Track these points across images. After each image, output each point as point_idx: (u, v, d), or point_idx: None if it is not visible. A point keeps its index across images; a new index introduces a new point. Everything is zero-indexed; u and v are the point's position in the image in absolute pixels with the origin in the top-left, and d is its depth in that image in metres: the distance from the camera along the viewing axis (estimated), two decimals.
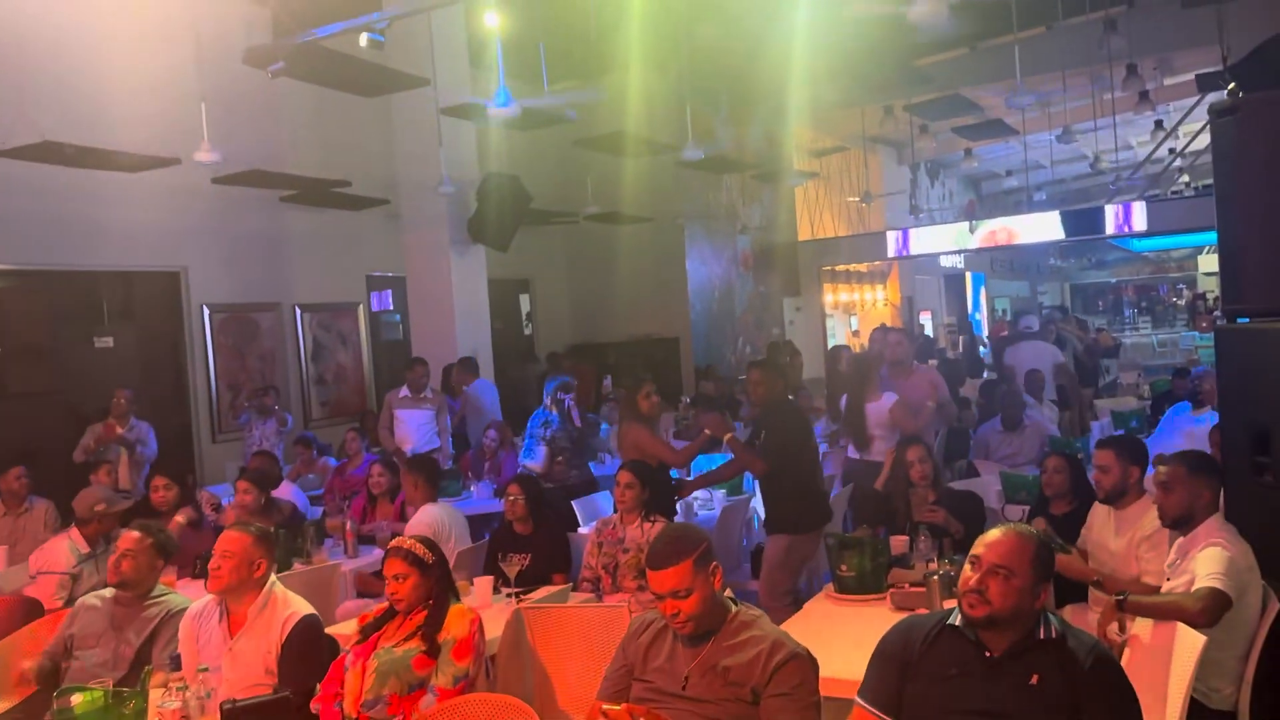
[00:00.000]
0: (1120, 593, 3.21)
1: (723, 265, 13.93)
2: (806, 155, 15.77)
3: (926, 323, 19.57)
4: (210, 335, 9.44)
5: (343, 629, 3.86)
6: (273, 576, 3.41)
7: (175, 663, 3.40)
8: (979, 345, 15.56)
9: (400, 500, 5.74)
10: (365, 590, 5.11)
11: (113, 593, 3.64)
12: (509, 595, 4.24)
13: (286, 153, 9.41)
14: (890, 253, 15.44)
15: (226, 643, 3.27)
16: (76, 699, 2.75)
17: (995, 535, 2.40)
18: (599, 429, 7.97)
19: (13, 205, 7.73)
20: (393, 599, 3.22)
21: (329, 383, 10.70)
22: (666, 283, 13.01)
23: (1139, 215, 13.18)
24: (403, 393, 8.05)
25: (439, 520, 4.92)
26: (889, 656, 2.47)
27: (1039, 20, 10.35)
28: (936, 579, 3.57)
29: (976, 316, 22.33)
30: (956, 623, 2.41)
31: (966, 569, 2.38)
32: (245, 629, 3.27)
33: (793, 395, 6.33)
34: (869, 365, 6.43)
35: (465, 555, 4.88)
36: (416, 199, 9.54)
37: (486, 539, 5.19)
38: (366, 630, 3.25)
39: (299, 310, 10.32)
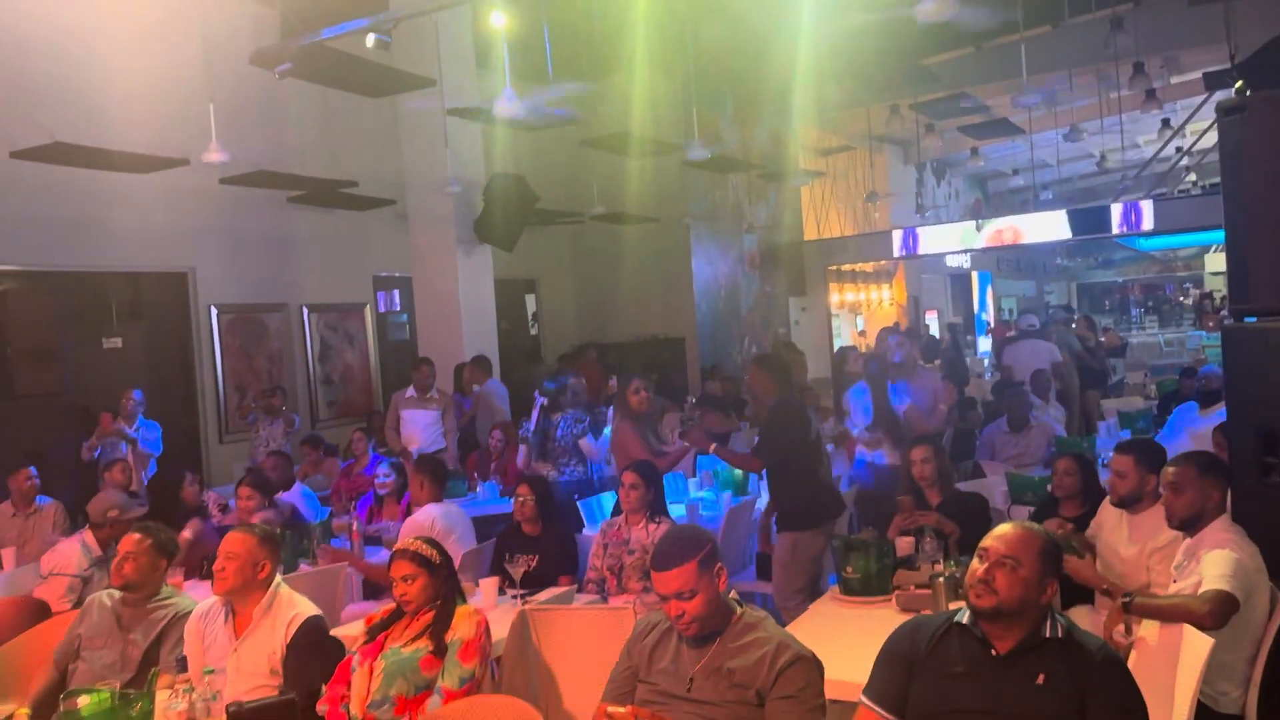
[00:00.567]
0: (1127, 594, 3.20)
1: (729, 265, 13.92)
2: (812, 154, 15.76)
3: (932, 322, 19.54)
4: (218, 336, 9.46)
5: (349, 630, 3.87)
6: (278, 577, 3.41)
7: (182, 665, 3.40)
8: (962, 347, 15.29)
9: (407, 501, 5.75)
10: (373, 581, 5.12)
11: (120, 594, 3.65)
12: (514, 597, 4.24)
13: (294, 153, 9.43)
14: (896, 252, 15.41)
15: (232, 644, 3.28)
16: (83, 701, 2.76)
17: (1004, 528, 2.43)
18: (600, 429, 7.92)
19: (22, 206, 7.76)
20: (401, 600, 3.22)
21: (336, 383, 10.72)
22: (672, 282, 13.01)
23: (1146, 214, 13.14)
24: (409, 393, 8.07)
25: (435, 521, 4.91)
26: (895, 655, 2.47)
27: (1045, 19, 10.32)
28: (942, 581, 3.55)
29: (983, 316, 22.30)
30: (964, 621, 2.42)
31: (975, 562, 2.40)
32: (250, 630, 3.28)
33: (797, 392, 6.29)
34: (883, 367, 6.39)
35: (470, 556, 4.88)
36: (423, 199, 9.55)
37: (494, 540, 5.19)
38: (374, 631, 3.26)
39: (306, 311, 10.34)
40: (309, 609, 3.35)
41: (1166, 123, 15.60)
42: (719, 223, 13.72)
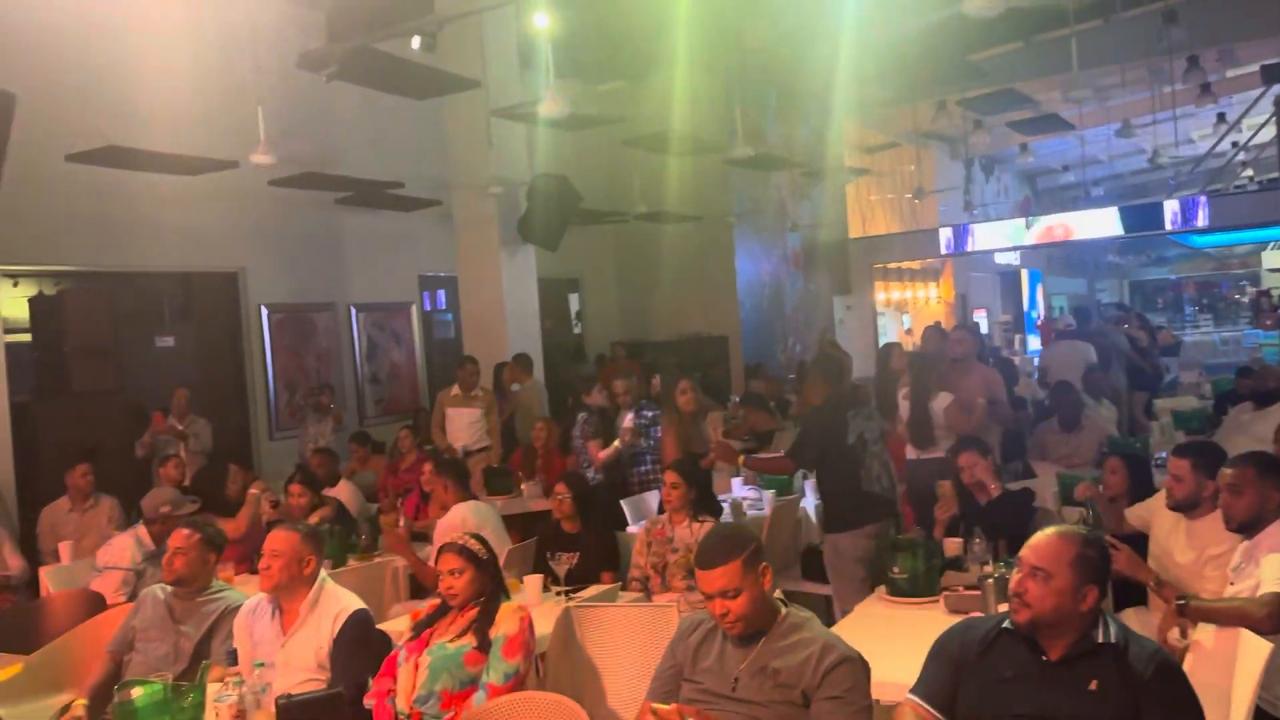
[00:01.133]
0: (1182, 596, 3.13)
1: (772, 263, 13.85)
2: (857, 152, 15.63)
3: (981, 321, 19.30)
4: (268, 335, 9.61)
5: (395, 625, 3.90)
6: (323, 573, 3.46)
7: (232, 657, 3.46)
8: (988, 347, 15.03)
9: None
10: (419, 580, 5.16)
11: (171, 587, 3.72)
12: (558, 594, 4.26)
13: (341, 155, 9.55)
14: (943, 250, 15.24)
15: (280, 639, 3.33)
16: (137, 692, 2.82)
17: (1038, 537, 2.38)
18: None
19: (77, 208, 7.94)
20: (447, 594, 3.25)
21: (383, 381, 10.83)
22: (715, 281, 12.97)
23: (1200, 210, 12.88)
24: (453, 391, 8.13)
25: (467, 518, 4.94)
26: (944, 656, 2.44)
27: (1096, 12, 10.14)
28: (991, 582, 3.50)
29: (1033, 314, 21.97)
30: (1011, 626, 2.38)
31: (1014, 572, 2.37)
32: (298, 625, 3.32)
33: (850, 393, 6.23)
34: (928, 363, 6.33)
35: (515, 553, 4.91)
36: (467, 200, 9.62)
37: (536, 538, 5.20)
38: (419, 626, 3.29)
39: (354, 310, 10.47)
40: (355, 603, 3.38)
41: (1222, 117, 15.28)
42: (762, 221, 13.66)
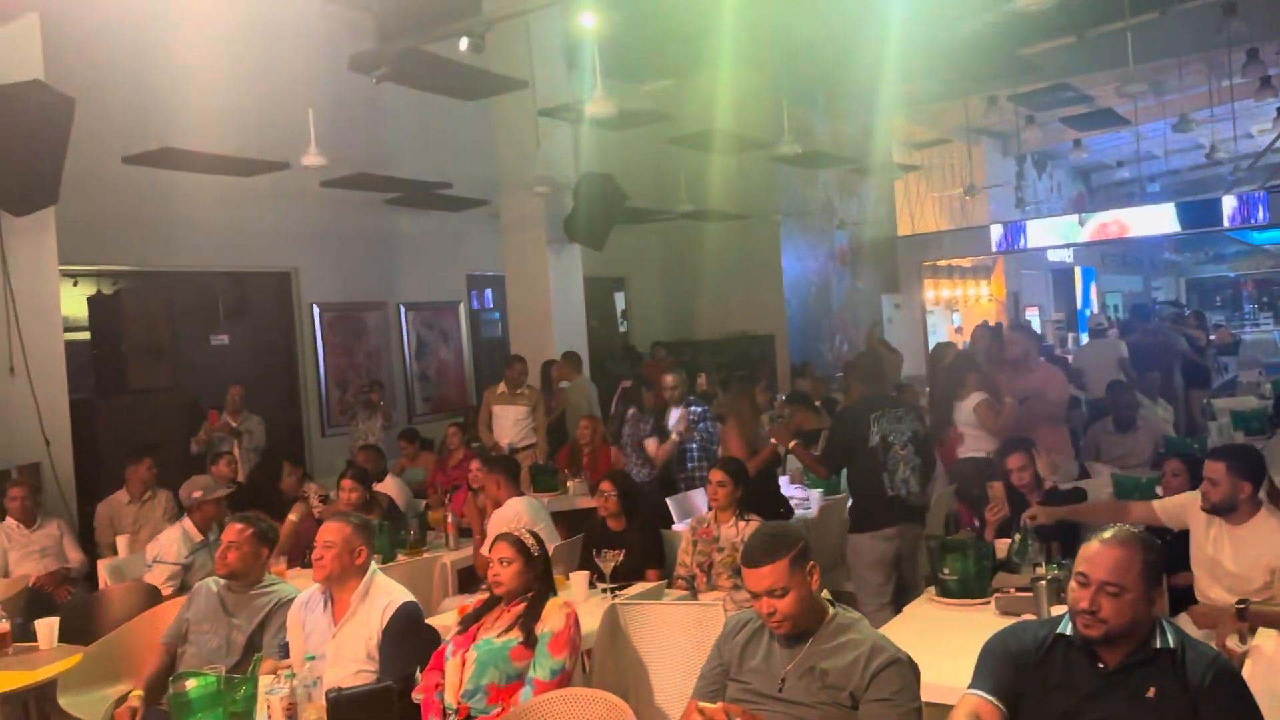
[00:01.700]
0: (1241, 601, 3.06)
1: (819, 261, 13.76)
2: (906, 148, 15.46)
3: (1033, 319, 19.01)
4: (320, 333, 9.76)
5: (444, 619, 3.94)
6: (373, 565, 3.50)
7: (284, 650, 3.51)
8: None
9: None
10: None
11: (225, 580, 3.79)
12: (604, 590, 4.27)
13: (390, 156, 9.65)
14: (994, 247, 15.03)
15: (331, 630, 3.37)
16: (190, 684, 2.87)
17: (1097, 549, 2.28)
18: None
19: (134, 209, 8.10)
20: (494, 581, 3.28)
21: (431, 379, 10.95)
22: (762, 279, 12.91)
23: (1260, 206, 12.57)
24: (500, 389, 8.19)
25: (521, 513, 4.98)
26: (1003, 653, 2.37)
27: (1153, 5, 9.92)
28: (1044, 584, 3.44)
29: (1086, 313, 21.59)
30: (1068, 632, 2.32)
31: (1074, 587, 2.28)
32: (348, 616, 3.36)
33: (894, 392, 6.16)
34: (962, 362, 6.29)
35: (562, 550, 4.93)
36: (515, 199, 9.68)
37: (582, 535, 5.22)
38: (466, 621, 3.32)
39: (403, 309, 10.60)
40: (404, 595, 3.42)
41: None
42: (809, 219, 13.57)
